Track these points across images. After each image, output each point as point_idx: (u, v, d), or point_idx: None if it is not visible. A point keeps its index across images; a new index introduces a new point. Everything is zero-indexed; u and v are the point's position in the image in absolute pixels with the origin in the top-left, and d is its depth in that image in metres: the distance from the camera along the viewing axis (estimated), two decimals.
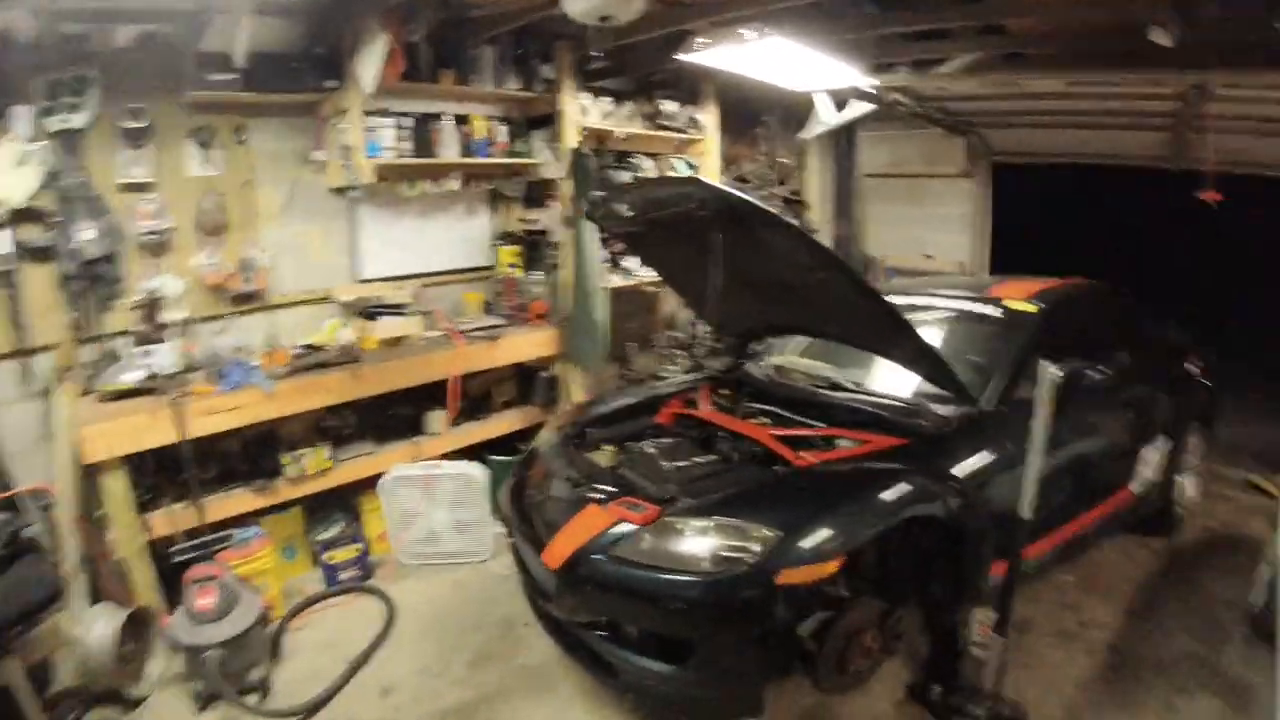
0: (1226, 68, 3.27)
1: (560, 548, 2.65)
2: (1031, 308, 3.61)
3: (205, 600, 2.97)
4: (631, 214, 3.18)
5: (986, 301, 3.74)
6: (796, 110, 6.18)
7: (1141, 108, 4.44)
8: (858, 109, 5.20)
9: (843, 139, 6.58)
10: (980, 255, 6.63)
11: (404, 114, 4.19)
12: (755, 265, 3.03)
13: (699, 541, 2.46)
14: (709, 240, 2.94)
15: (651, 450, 3.07)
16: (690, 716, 2.74)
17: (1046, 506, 2.70)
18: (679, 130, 5.43)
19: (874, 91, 4.63)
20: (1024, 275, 4.09)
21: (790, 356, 4.02)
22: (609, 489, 2.81)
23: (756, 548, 2.38)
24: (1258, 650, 3.17)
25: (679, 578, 2.41)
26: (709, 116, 5.66)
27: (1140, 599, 3.66)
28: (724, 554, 2.39)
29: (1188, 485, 4.40)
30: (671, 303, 6.10)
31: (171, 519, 3.43)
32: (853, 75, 4.33)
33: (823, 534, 2.42)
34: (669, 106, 5.34)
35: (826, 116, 5.50)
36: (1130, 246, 8.61)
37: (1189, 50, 2.97)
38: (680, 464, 2.95)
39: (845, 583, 2.72)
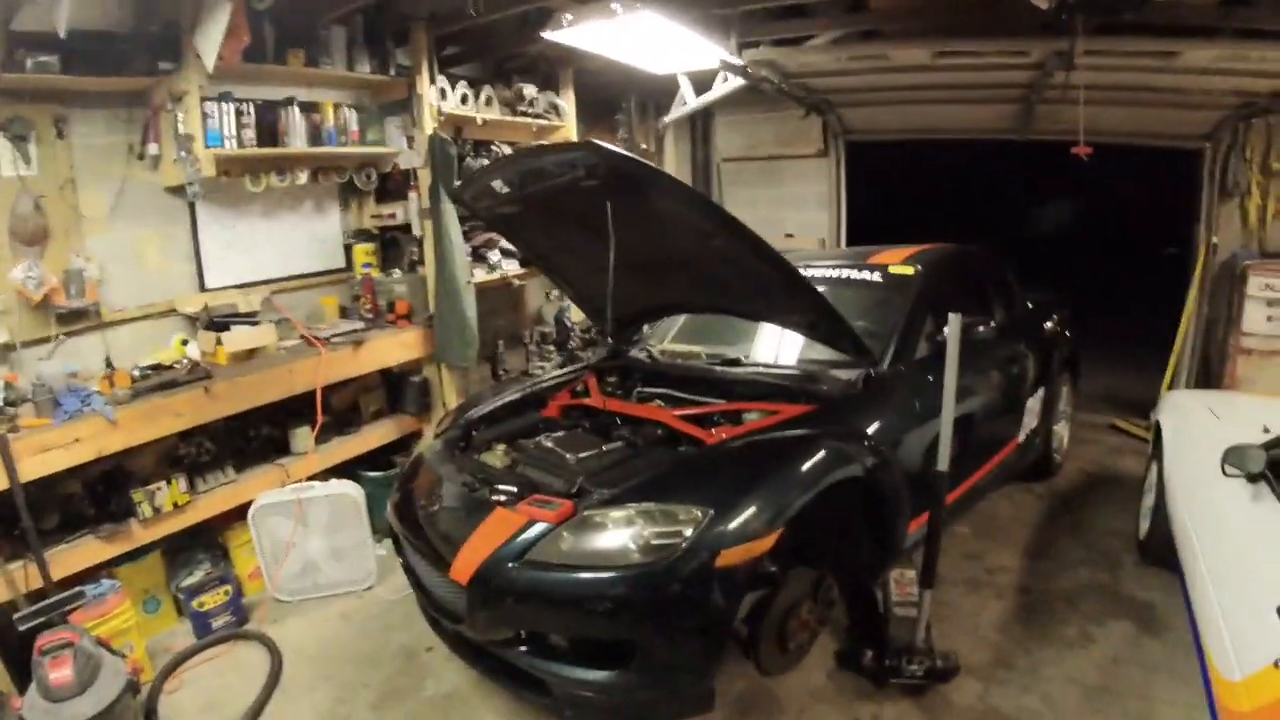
0: (1092, 34, 3.44)
1: (468, 560, 2.41)
2: (910, 269, 3.68)
3: (61, 673, 2.54)
4: (508, 190, 2.97)
5: (868, 268, 3.79)
6: (654, 95, 6.14)
7: (996, 79, 4.64)
8: (722, 87, 5.19)
9: (700, 124, 6.59)
10: (839, 231, 6.82)
11: (247, 100, 3.76)
12: (644, 239, 2.88)
13: (624, 532, 2.30)
14: (595, 215, 2.75)
15: (549, 444, 2.91)
16: None
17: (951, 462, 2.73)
18: (539, 116, 5.24)
19: (741, 68, 4.62)
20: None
21: (666, 344, 3.93)
22: (511, 489, 2.60)
23: (688, 530, 2.24)
24: (1150, 572, 3.42)
25: (608, 574, 2.24)
26: (568, 102, 5.51)
27: (1036, 540, 3.85)
28: (655, 541, 2.24)
29: (1061, 432, 4.68)
30: (539, 296, 5.93)
31: (10, 580, 2.97)
32: (719, 52, 4.31)
33: (755, 507, 2.31)
34: (530, 90, 5.15)
35: (690, 98, 5.47)
36: (988, 213, 9.24)
37: (1057, 16, 3.09)
38: (584, 454, 2.80)
39: (770, 558, 2.63)
